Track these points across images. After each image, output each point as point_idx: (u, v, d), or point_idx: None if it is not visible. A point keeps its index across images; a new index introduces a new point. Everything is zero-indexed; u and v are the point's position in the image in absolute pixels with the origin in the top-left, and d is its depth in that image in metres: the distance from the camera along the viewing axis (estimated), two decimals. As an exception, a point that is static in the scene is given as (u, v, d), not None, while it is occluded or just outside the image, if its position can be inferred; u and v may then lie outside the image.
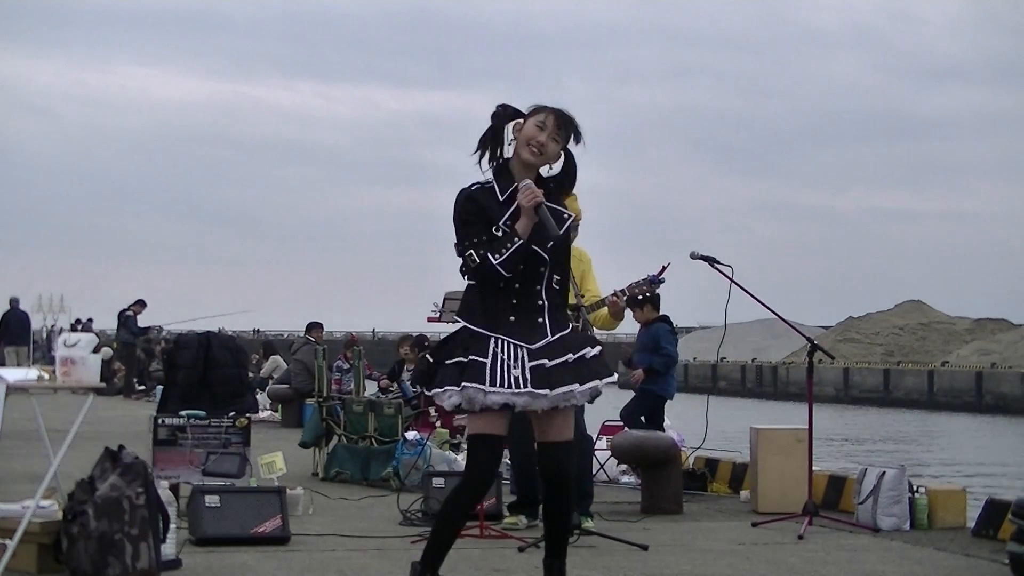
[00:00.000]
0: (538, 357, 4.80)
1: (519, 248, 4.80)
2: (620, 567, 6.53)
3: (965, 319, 65.97)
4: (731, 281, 8.14)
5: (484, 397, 4.74)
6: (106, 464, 5.68)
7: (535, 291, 4.92)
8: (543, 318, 4.90)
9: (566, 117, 4.96)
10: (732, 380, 58.83)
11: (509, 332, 4.82)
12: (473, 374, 4.75)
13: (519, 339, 4.81)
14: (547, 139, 4.91)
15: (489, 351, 4.79)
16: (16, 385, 5.89)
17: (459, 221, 4.91)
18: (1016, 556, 6.40)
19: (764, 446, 9.04)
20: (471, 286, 4.94)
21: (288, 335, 58.64)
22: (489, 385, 4.73)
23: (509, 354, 4.79)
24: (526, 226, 4.83)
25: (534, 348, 4.81)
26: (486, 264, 4.79)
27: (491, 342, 4.81)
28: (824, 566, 6.76)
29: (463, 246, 4.85)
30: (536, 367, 4.78)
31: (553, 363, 4.80)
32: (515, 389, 4.75)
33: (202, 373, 9.06)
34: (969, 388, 46.04)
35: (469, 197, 4.92)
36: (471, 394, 4.75)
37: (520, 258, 4.82)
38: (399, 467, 9.90)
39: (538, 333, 4.86)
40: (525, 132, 4.93)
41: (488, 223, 4.87)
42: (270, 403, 18.95)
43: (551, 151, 4.94)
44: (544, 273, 4.94)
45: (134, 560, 5.43)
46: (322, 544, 7.05)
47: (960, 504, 8.49)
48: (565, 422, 4.92)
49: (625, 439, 9.35)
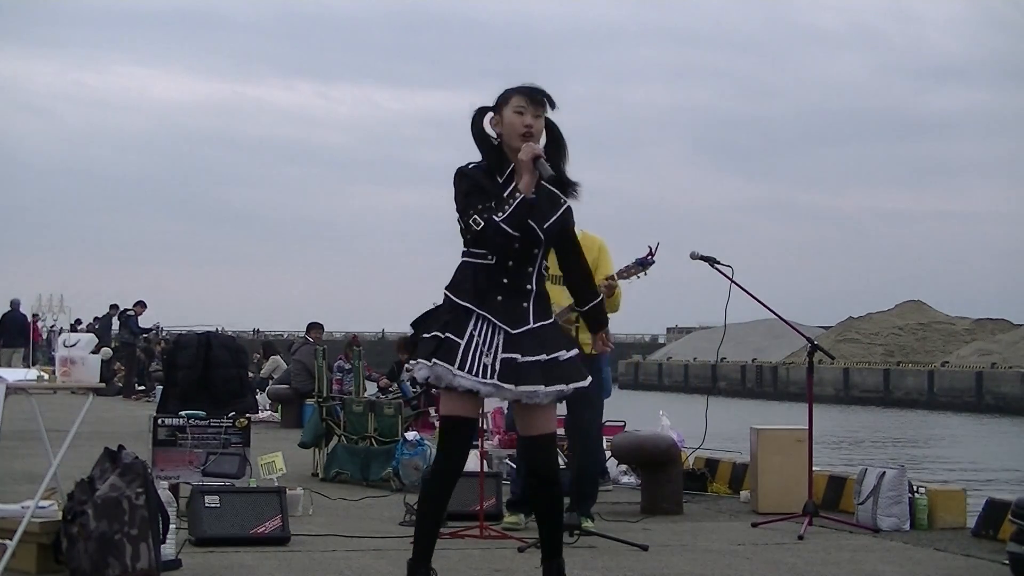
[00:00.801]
0: (512, 348, 4.81)
1: (522, 203, 4.80)
2: (620, 567, 6.53)
3: (965, 319, 66.00)
4: (731, 281, 8.14)
5: (451, 378, 4.78)
6: (106, 464, 5.68)
7: (526, 273, 4.93)
8: (528, 303, 4.92)
9: (536, 91, 5.00)
10: (732, 380, 58.85)
11: (493, 311, 4.84)
12: (445, 352, 4.79)
13: (501, 320, 4.83)
14: (531, 118, 4.95)
15: (466, 332, 4.81)
16: (16, 385, 5.88)
17: (460, 193, 4.91)
18: (1016, 556, 6.40)
19: (764, 446, 9.03)
20: (464, 262, 4.95)
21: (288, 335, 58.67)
22: (458, 368, 4.77)
23: (485, 338, 4.82)
24: (528, 183, 4.84)
25: (513, 334, 4.83)
26: (491, 225, 4.78)
27: (471, 321, 4.83)
28: (824, 566, 6.76)
29: (467, 214, 4.84)
30: (507, 360, 4.80)
31: (524, 360, 4.81)
32: (481, 378, 4.78)
33: (202, 373, 9.06)
34: (969, 388, 46.08)
35: (468, 173, 4.95)
36: (440, 372, 4.79)
37: (524, 215, 4.81)
38: (399, 467, 9.90)
39: (521, 318, 4.87)
40: (508, 123, 4.96)
41: (488, 196, 4.88)
42: (270, 403, 18.95)
43: (538, 128, 4.98)
44: (537, 255, 4.95)
45: (134, 560, 5.43)
46: (322, 544, 7.05)
47: (960, 504, 8.48)
48: (547, 416, 4.93)
49: (625, 439, 9.35)
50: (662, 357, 75.42)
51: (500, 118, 4.99)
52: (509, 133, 4.96)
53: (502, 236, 4.80)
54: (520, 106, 4.95)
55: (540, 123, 4.99)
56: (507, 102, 4.98)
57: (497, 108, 5.01)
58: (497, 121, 5.00)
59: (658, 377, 67.25)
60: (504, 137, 4.98)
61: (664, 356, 75.99)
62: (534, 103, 4.97)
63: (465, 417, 4.91)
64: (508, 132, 4.96)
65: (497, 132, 5.01)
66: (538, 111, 4.98)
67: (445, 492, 4.97)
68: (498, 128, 5.00)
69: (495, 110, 5.02)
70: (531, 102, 4.97)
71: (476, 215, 4.80)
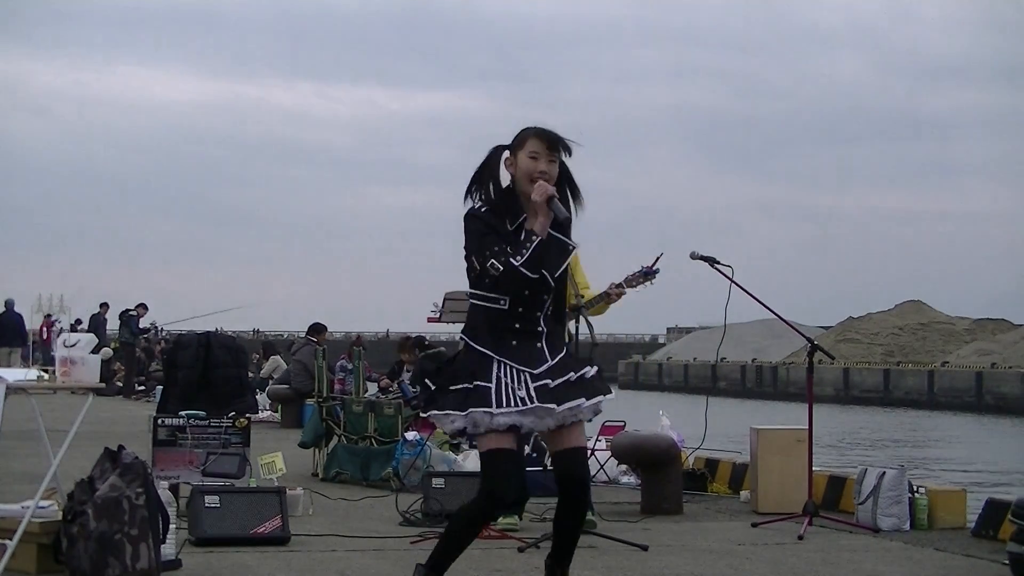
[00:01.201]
0: (541, 379, 4.80)
1: (538, 246, 4.78)
2: (620, 567, 6.53)
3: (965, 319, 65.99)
4: (731, 281, 8.14)
5: (490, 420, 4.72)
6: (106, 464, 5.68)
7: (535, 317, 4.90)
8: (541, 344, 4.90)
9: (551, 136, 4.93)
10: (732, 380, 58.85)
11: (511, 356, 4.82)
12: (477, 399, 4.74)
13: (521, 363, 4.81)
14: (546, 164, 4.89)
15: (493, 376, 4.79)
16: (16, 385, 5.88)
17: (475, 235, 4.85)
18: (1016, 556, 6.40)
19: (764, 446, 9.03)
20: (475, 307, 4.91)
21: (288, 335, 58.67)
22: (496, 407, 4.72)
23: (513, 378, 4.79)
24: (543, 224, 4.81)
25: (536, 372, 4.82)
26: (509, 268, 4.75)
27: (494, 366, 4.80)
28: (824, 566, 6.76)
29: (483, 256, 4.79)
30: (540, 387, 4.78)
31: (557, 382, 4.80)
32: (521, 408, 4.74)
33: (202, 373, 9.07)
34: (969, 388, 46.05)
35: (480, 216, 4.88)
36: (476, 417, 4.73)
37: (540, 258, 4.78)
38: (399, 467, 9.89)
39: (538, 359, 4.86)
40: (523, 168, 4.89)
41: (502, 238, 4.83)
42: (270, 403, 18.94)
43: (553, 173, 4.91)
44: (547, 301, 4.94)
45: (134, 560, 5.43)
46: (322, 544, 7.05)
47: (960, 504, 8.49)
48: (577, 431, 4.91)
49: (625, 439, 9.34)
50: (662, 357, 75.41)
51: (515, 160, 4.93)
52: (522, 177, 4.90)
53: (520, 279, 4.78)
54: (534, 151, 4.88)
55: (554, 168, 4.91)
56: (522, 145, 4.92)
57: (513, 149, 4.95)
58: (511, 163, 4.94)
59: (658, 377, 67.24)
60: (516, 180, 4.93)
61: (664, 356, 75.97)
62: (549, 148, 4.91)
63: (509, 449, 4.81)
64: (521, 176, 4.90)
65: (511, 173, 4.95)
66: (552, 156, 4.91)
67: (488, 519, 4.94)
68: (511, 170, 4.94)
69: (511, 150, 4.96)
70: (546, 147, 4.90)
71: (494, 260, 4.76)
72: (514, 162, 4.93)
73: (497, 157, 4.97)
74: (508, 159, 4.96)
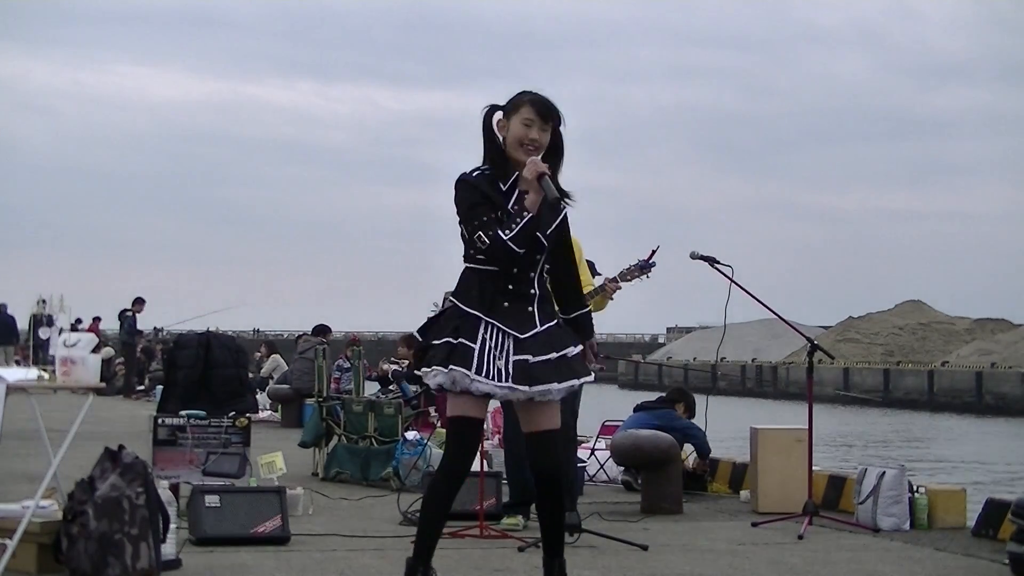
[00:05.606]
0: (523, 351, 4.82)
1: (529, 222, 4.80)
2: (620, 567, 6.53)
3: (965, 319, 66.02)
4: (731, 281, 8.14)
5: (469, 383, 4.78)
6: (106, 464, 5.68)
7: (528, 278, 4.92)
8: (532, 307, 4.91)
9: (547, 104, 4.94)
10: (732, 380, 58.83)
11: (501, 317, 4.84)
12: (460, 358, 4.78)
13: (509, 325, 4.83)
14: (538, 133, 4.92)
15: (478, 336, 4.81)
16: (16, 385, 5.88)
17: (465, 204, 4.86)
18: (1016, 556, 6.40)
19: (764, 446, 9.04)
20: (468, 269, 4.93)
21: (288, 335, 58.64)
22: (475, 372, 4.77)
23: (496, 342, 4.82)
24: (534, 200, 4.83)
25: (522, 338, 4.83)
26: (497, 243, 4.78)
27: (481, 326, 4.82)
28: (824, 566, 6.76)
29: (472, 227, 4.82)
30: (519, 362, 4.81)
31: (536, 360, 4.83)
32: (497, 382, 4.79)
33: (202, 373, 9.05)
34: (969, 388, 46.06)
35: (472, 183, 4.90)
36: (456, 376, 4.78)
37: (530, 234, 4.81)
38: (399, 467, 9.89)
39: (528, 322, 4.88)
40: (514, 133, 4.92)
41: (493, 207, 4.86)
42: (270, 403, 18.95)
43: (544, 142, 4.94)
44: (540, 261, 4.95)
45: (134, 560, 5.43)
46: (322, 544, 7.05)
47: (960, 504, 8.48)
48: (551, 412, 4.93)
49: (625, 439, 9.34)
50: (662, 357, 75.40)
51: (507, 123, 4.95)
52: (512, 142, 4.93)
53: (509, 253, 4.80)
54: (528, 118, 4.91)
55: (545, 138, 4.94)
56: (516, 110, 4.94)
57: (507, 112, 4.97)
58: (504, 125, 4.96)
59: (658, 377, 67.16)
60: (507, 143, 4.95)
61: (664, 356, 75.97)
62: (543, 118, 4.92)
63: (475, 418, 4.91)
64: (512, 140, 4.93)
65: (502, 136, 4.98)
66: (545, 126, 4.93)
67: (451, 493, 4.94)
68: (503, 132, 4.96)
69: (505, 112, 4.97)
70: (540, 116, 4.92)
71: (482, 232, 4.78)
72: (506, 125, 4.95)
73: (490, 117, 4.99)
74: (501, 121, 4.97)
